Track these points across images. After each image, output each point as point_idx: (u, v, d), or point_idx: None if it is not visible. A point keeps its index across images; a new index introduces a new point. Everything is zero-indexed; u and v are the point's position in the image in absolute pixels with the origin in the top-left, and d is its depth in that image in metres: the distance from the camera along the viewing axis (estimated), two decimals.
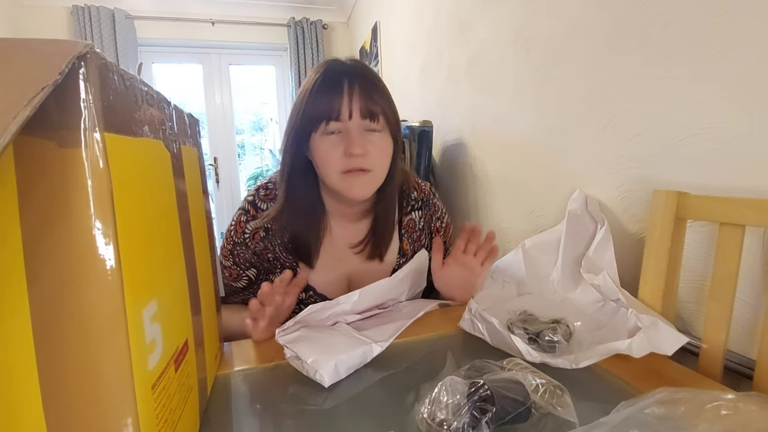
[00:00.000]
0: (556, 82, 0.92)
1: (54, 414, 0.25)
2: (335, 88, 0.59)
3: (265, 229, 0.69)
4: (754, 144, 0.55)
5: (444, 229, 0.81)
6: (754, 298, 0.56)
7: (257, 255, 0.70)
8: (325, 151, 0.60)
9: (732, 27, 0.56)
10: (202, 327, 0.45)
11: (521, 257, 0.81)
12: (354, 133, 0.60)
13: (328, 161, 0.61)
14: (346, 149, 0.59)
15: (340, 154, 0.60)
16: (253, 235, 0.69)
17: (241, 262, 0.70)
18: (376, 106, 0.60)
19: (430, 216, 0.78)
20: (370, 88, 0.61)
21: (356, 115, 0.60)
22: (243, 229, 0.69)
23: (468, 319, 0.61)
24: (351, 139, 0.59)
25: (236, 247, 0.70)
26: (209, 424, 0.43)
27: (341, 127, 0.60)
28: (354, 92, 0.59)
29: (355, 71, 0.62)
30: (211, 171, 3.10)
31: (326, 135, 0.61)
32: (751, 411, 0.35)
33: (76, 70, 0.23)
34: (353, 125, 0.60)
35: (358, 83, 0.60)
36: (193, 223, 0.43)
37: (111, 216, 0.25)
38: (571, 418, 0.39)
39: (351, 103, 0.59)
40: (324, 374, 0.48)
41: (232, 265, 0.71)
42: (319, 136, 0.61)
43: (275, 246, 0.69)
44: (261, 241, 0.69)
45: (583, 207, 0.79)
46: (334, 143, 0.60)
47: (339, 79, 0.60)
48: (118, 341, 0.26)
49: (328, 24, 3.13)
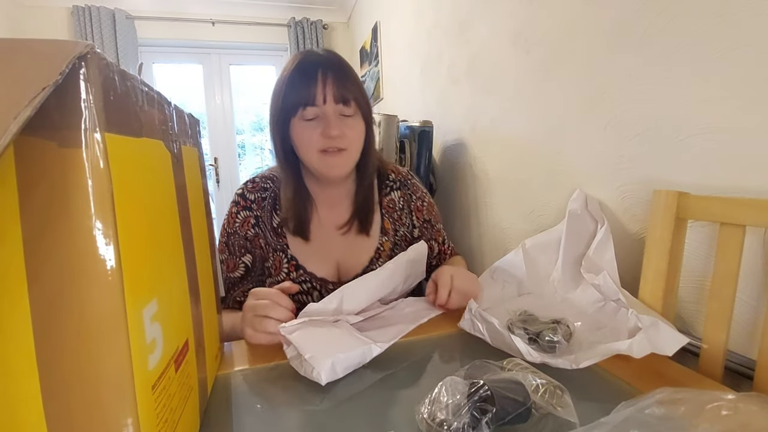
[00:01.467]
0: (556, 82, 0.92)
1: (54, 414, 0.25)
2: (310, 76, 0.65)
3: (255, 217, 0.74)
4: (754, 144, 0.55)
5: (426, 208, 0.84)
6: (754, 299, 0.56)
7: (250, 241, 0.74)
8: (304, 133, 0.66)
9: (732, 27, 0.56)
10: (203, 327, 0.45)
11: (521, 257, 0.81)
12: (331, 117, 0.65)
13: (307, 142, 0.67)
14: (323, 131, 0.65)
15: (318, 135, 0.66)
16: (243, 223, 0.74)
17: (236, 250, 0.74)
18: (348, 92, 0.66)
19: (409, 196, 0.82)
20: (343, 76, 0.66)
21: (330, 99, 0.65)
22: (234, 219, 0.75)
23: (468, 319, 0.61)
24: (328, 122, 0.65)
25: (230, 237, 0.75)
26: (209, 424, 0.43)
27: (318, 112, 0.66)
28: (327, 79, 0.65)
29: (328, 61, 0.67)
30: (211, 171, 3.10)
31: (305, 120, 0.66)
32: (751, 411, 0.35)
33: (77, 70, 0.23)
34: (328, 109, 0.65)
35: (330, 71, 0.65)
36: (193, 223, 0.43)
37: (111, 216, 0.25)
38: (571, 419, 0.39)
39: (325, 89, 0.65)
40: (321, 372, 0.47)
41: (228, 257, 0.74)
42: (298, 121, 0.67)
43: (266, 231, 0.75)
44: (252, 228, 0.74)
45: (583, 207, 0.79)
46: (312, 126, 0.66)
47: (313, 68, 0.65)
48: (119, 341, 0.26)
49: (329, 24, 3.13)
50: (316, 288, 0.74)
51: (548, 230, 0.83)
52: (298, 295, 0.73)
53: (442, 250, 0.87)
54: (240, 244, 0.74)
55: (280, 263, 0.74)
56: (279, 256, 0.74)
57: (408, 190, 0.83)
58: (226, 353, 0.59)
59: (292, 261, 0.74)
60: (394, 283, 0.70)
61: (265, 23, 3.01)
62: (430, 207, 0.85)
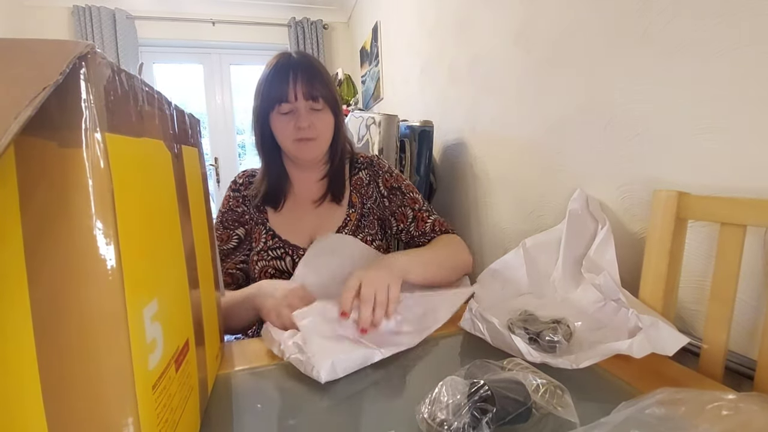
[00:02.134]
0: (556, 81, 0.92)
1: (55, 413, 0.25)
2: (283, 77, 0.77)
3: (242, 197, 0.87)
4: (754, 144, 0.55)
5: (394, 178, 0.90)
6: (754, 299, 0.56)
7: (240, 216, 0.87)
8: (281, 126, 0.79)
9: (732, 27, 0.56)
10: (203, 327, 0.45)
11: (522, 257, 0.81)
12: (302, 111, 0.77)
13: (283, 133, 0.79)
14: (295, 124, 0.77)
15: (291, 128, 0.77)
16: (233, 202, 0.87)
17: (229, 225, 0.86)
18: (316, 90, 0.77)
19: (375, 172, 0.90)
20: (312, 77, 0.77)
21: (300, 97, 0.77)
22: (227, 201, 0.88)
23: (468, 318, 0.61)
24: (299, 116, 0.77)
25: (223, 215, 0.87)
26: (210, 424, 0.43)
27: (292, 107, 0.77)
28: (298, 79, 0.76)
29: (298, 63, 0.78)
30: (211, 171, 3.10)
31: (281, 114, 0.78)
32: (752, 411, 0.35)
33: (77, 70, 0.23)
34: (300, 105, 0.77)
35: (300, 72, 0.77)
36: (193, 223, 0.43)
37: (112, 216, 0.25)
38: (571, 418, 0.39)
39: (296, 88, 0.76)
40: (321, 371, 0.48)
41: (222, 232, 0.85)
42: (276, 115, 0.78)
43: (250, 208, 0.87)
44: (240, 205, 0.87)
45: (583, 207, 0.79)
46: (287, 120, 0.78)
47: (286, 71, 0.77)
48: (119, 341, 0.26)
49: (329, 24, 3.13)
50: (288, 254, 0.82)
51: (548, 230, 0.83)
52: (273, 261, 0.81)
53: (418, 216, 0.86)
54: (232, 218, 0.86)
55: (260, 234, 0.84)
56: (259, 228, 0.85)
57: (374, 168, 0.91)
58: (227, 353, 0.59)
59: (270, 232, 0.84)
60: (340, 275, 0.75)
61: (265, 23, 3.01)
62: (399, 178, 0.90)
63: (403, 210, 0.87)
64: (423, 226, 0.85)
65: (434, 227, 0.85)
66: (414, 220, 0.86)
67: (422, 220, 0.86)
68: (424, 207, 0.88)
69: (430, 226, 0.85)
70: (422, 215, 0.87)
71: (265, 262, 0.81)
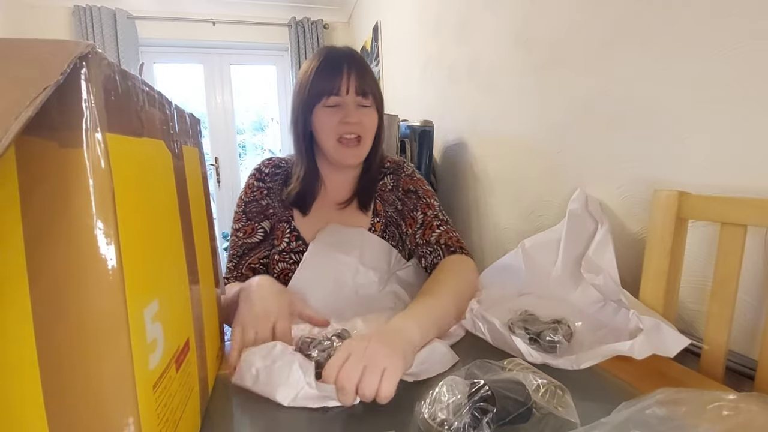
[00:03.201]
0: (557, 81, 0.92)
1: (55, 413, 0.25)
2: (336, 70, 0.73)
3: (267, 188, 0.83)
4: (755, 143, 0.55)
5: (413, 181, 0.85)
6: (755, 299, 0.56)
7: (264, 209, 0.82)
8: (326, 119, 0.74)
9: (732, 27, 0.56)
10: (203, 327, 0.45)
11: (521, 257, 0.81)
12: (350, 106, 0.73)
13: (327, 128, 0.74)
14: (342, 118, 0.73)
15: (337, 122, 0.73)
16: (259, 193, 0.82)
17: (255, 216, 0.81)
18: (367, 86, 0.74)
19: (399, 177, 0.87)
20: (363, 72, 0.74)
21: (352, 91, 0.73)
22: (251, 189, 0.83)
23: (469, 318, 0.61)
24: (348, 110, 0.73)
25: (247, 205, 0.81)
26: (210, 424, 0.43)
27: (339, 101, 0.73)
28: (351, 73, 0.73)
29: (351, 57, 0.75)
30: (212, 171, 3.10)
31: (326, 107, 0.74)
32: (752, 411, 0.35)
33: (78, 70, 0.23)
34: (349, 99, 0.73)
35: (354, 67, 0.73)
36: (194, 223, 0.43)
37: (112, 216, 0.25)
38: (572, 419, 0.39)
39: (348, 82, 0.73)
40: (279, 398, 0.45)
41: (246, 223, 0.81)
42: (321, 108, 0.74)
43: (275, 201, 0.83)
44: (264, 197, 0.82)
45: (583, 207, 0.79)
46: (333, 113, 0.73)
47: (339, 62, 0.73)
48: (120, 341, 0.26)
49: (329, 24, 3.13)
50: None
51: (548, 230, 0.83)
52: (295, 265, 0.78)
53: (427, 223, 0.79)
54: (258, 210, 0.81)
55: (282, 233, 0.80)
56: (283, 225, 0.81)
57: (398, 173, 0.87)
58: (227, 353, 0.59)
59: (294, 232, 0.80)
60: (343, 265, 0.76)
61: (265, 23, 3.00)
62: (418, 182, 0.85)
63: (414, 214, 0.81)
64: (429, 235, 0.78)
65: (440, 239, 0.77)
66: (422, 227, 0.80)
67: (430, 228, 0.79)
68: (438, 216, 0.81)
69: (436, 238, 0.77)
70: (431, 223, 0.80)
71: (286, 264, 0.78)
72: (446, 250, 0.76)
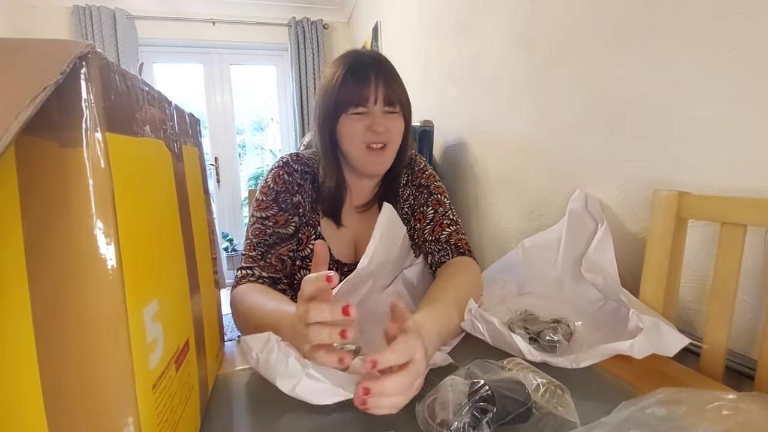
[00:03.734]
0: (557, 81, 0.92)
1: (55, 413, 0.25)
2: (363, 79, 0.70)
3: (298, 185, 0.78)
4: (755, 143, 0.55)
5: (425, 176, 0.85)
6: (755, 298, 0.56)
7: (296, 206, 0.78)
8: (352, 127, 0.72)
9: (733, 27, 0.56)
10: (203, 327, 0.45)
11: (521, 257, 0.81)
12: (377, 115, 0.71)
13: (353, 135, 0.72)
14: (369, 126, 0.71)
15: (363, 129, 0.71)
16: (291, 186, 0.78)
17: (289, 208, 0.77)
18: (395, 95, 0.72)
19: (413, 172, 0.86)
20: (391, 80, 0.72)
21: (380, 101, 0.71)
22: (282, 179, 0.78)
23: (468, 320, 0.61)
24: (375, 119, 0.71)
25: (279, 195, 0.76)
26: (210, 424, 0.43)
27: (366, 111, 0.71)
28: (379, 83, 0.71)
29: (379, 64, 0.73)
30: (211, 171, 3.10)
31: (353, 115, 0.71)
32: (752, 411, 0.35)
33: (78, 70, 0.23)
34: (377, 109, 0.71)
35: (382, 75, 0.71)
36: (194, 222, 0.43)
37: (112, 215, 0.25)
38: (571, 418, 0.39)
39: (376, 92, 0.71)
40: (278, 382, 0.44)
41: (278, 212, 0.76)
42: (346, 117, 0.72)
43: (305, 201, 0.78)
44: (296, 194, 0.78)
45: (583, 206, 0.79)
46: (359, 119, 0.71)
47: (366, 71, 0.71)
48: (119, 340, 0.26)
49: (329, 24, 3.13)
50: (332, 268, 0.74)
51: (548, 230, 0.83)
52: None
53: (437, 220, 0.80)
54: (291, 203, 0.77)
55: (308, 237, 0.77)
56: (309, 230, 0.78)
57: (413, 168, 0.86)
58: (227, 353, 0.59)
59: (320, 239, 0.77)
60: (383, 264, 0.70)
61: (265, 23, 3.00)
62: (431, 177, 0.85)
63: (424, 210, 0.81)
64: (439, 232, 0.78)
65: (450, 239, 0.77)
66: (431, 223, 0.80)
67: (440, 226, 0.79)
68: (448, 215, 0.81)
69: (446, 236, 0.78)
70: (442, 221, 0.80)
71: (308, 271, 0.75)
72: (455, 250, 0.76)
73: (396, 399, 0.40)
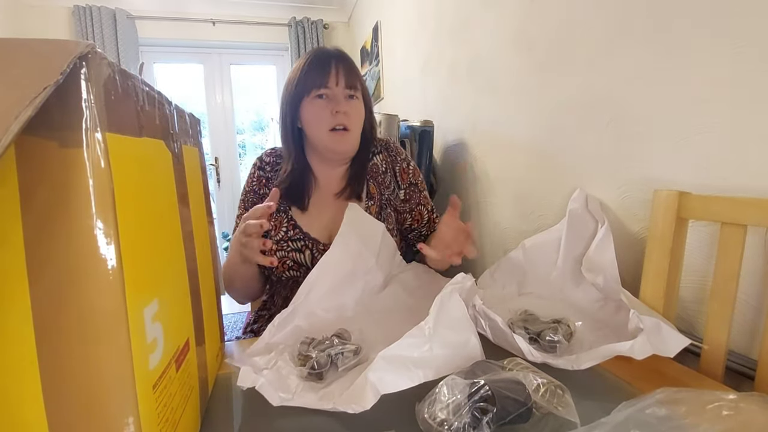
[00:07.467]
0: (557, 81, 0.92)
1: (55, 413, 0.25)
2: (325, 66, 0.76)
3: (267, 178, 0.85)
4: (755, 144, 0.55)
5: (411, 171, 0.88)
6: (755, 298, 0.56)
7: (261, 199, 0.84)
8: (315, 111, 0.76)
9: (733, 27, 0.56)
10: (203, 326, 0.45)
11: (522, 257, 0.81)
12: (339, 96, 0.76)
13: (317, 118, 0.76)
14: (332, 109, 0.75)
15: (327, 113, 0.75)
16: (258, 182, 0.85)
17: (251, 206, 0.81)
18: (355, 80, 0.78)
19: (393, 158, 0.88)
20: (351, 69, 0.79)
21: (341, 83, 0.76)
22: (252, 179, 0.85)
23: (471, 315, 0.61)
24: (337, 100, 0.76)
25: (247, 195, 0.85)
26: (210, 424, 0.43)
27: (328, 93, 0.76)
28: (339, 69, 0.77)
29: (339, 56, 0.79)
30: (212, 171, 3.10)
31: (315, 99, 0.76)
32: (752, 411, 0.35)
33: (78, 70, 0.23)
34: (339, 90, 0.76)
35: (342, 63, 0.77)
36: (194, 222, 0.43)
37: (112, 216, 0.25)
38: (572, 418, 0.39)
39: (338, 76, 0.76)
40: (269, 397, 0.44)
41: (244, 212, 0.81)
42: (310, 101, 0.76)
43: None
44: (263, 187, 0.85)
45: (583, 206, 0.79)
46: (322, 105, 0.76)
47: (328, 60, 0.77)
48: (120, 341, 0.26)
49: (329, 24, 3.13)
50: (308, 247, 0.79)
51: (548, 230, 0.83)
52: (292, 253, 0.79)
53: (431, 218, 0.88)
54: (254, 201, 0.84)
55: (281, 223, 0.81)
56: (281, 216, 0.82)
57: (390, 153, 0.88)
58: (227, 353, 0.59)
59: (291, 221, 0.82)
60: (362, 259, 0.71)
61: (265, 23, 3.00)
62: (416, 172, 0.89)
63: (420, 210, 0.87)
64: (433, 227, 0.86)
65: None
66: (428, 223, 0.88)
67: (433, 222, 0.88)
68: (432, 208, 0.88)
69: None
70: (433, 218, 0.88)
71: (284, 253, 0.79)
72: None
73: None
